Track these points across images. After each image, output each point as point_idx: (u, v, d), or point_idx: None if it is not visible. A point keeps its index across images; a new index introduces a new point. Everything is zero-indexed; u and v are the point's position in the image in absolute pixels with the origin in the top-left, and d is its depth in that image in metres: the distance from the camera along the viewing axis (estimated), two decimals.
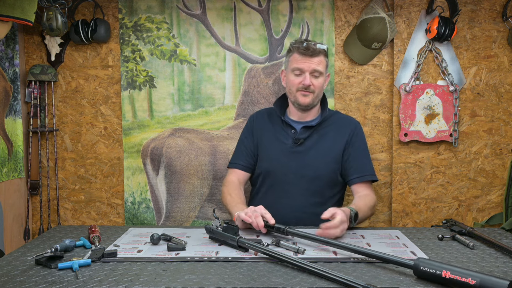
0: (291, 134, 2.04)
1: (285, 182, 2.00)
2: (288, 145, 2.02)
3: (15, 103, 2.40)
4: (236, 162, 2.12)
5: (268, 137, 2.08)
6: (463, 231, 1.68)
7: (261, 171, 2.06)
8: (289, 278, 1.23)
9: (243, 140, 2.15)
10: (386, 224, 2.53)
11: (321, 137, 2.03)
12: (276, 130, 2.08)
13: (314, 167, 1.99)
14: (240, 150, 2.13)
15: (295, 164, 1.99)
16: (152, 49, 2.49)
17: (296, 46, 1.97)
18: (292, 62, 1.98)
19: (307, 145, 2.01)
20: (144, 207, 2.55)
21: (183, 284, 1.19)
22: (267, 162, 2.04)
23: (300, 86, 1.96)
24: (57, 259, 1.35)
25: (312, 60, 1.94)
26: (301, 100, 1.98)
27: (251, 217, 1.65)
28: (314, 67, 1.94)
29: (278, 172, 2.01)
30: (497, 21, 2.40)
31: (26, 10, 2.04)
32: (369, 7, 2.36)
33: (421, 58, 2.41)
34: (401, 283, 1.20)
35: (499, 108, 2.43)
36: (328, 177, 2.00)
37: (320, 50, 1.95)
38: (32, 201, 2.54)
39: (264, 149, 2.07)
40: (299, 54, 1.95)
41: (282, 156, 2.02)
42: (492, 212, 2.46)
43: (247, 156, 2.10)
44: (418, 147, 2.46)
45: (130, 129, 2.52)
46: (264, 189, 2.05)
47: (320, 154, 2.00)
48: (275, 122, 2.10)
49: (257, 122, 2.15)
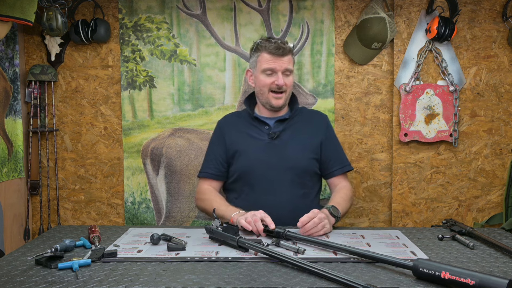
0: (265, 130, 2.00)
1: (268, 178, 1.95)
2: (265, 141, 1.98)
3: (15, 103, 2.40)
4: (206, 171, 2.03)
5: (242, 137, 2.02)
6: (463, 231, 1.68)
7: (239, 172, 1.98)
8: (289, 278, 1.23)
9: (212, 148, 2.08)
10: (386, 224, 2.53)
11: (296, 129, 2.01)
12: (249, 129, 2.02)
13: (295, 159, 1.96)
14: (210, 159, 2.05)
15: (275, 158, 1.95)
16: (152, 49, 2.49)
17: (264, 46, 1.92)
18: (262, 62, 1.93)
19: (284, 139, 1.98)
20: (144, 207, 2.55)
21: (183, 284, 1.19)
22: (245, 161, 1.98)
23: (273, 86, 1.92)
24: (57, 259, 1.35)
25: (283, 59, 1.91)
26: (274, 102, 1.95)
27: (251, 223, 1.65)
28: (285, 66, 1.92)
29: (259, 169, 1.95)
30: (497, 21, 2.40)
31: (26, 10, 2.03)
32: (369, 7, 2.36)
33: (421, 58, 2.41)
34: (401, 283, 1.20)
35: (499, 108, 2.43)
36: (309, 168, 1.98)
37: (289, 48, 1.93)
38: (32, 201, 2.54)
39: (239, 149, 1.99)
40: (269, 54, 1.91)
41: (261, 152, 1.97)
42: (492, 212, 2.46)
43: (218, 164, 2.02)
44: (418, 147, 2.46)
45: (130, 129, 2.52)
46: (246, 190, 1.98)
47: (298, 146, 1.97)
48: (247, 122, 2.05)
49: (227, 126, 2.07)
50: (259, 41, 1.97)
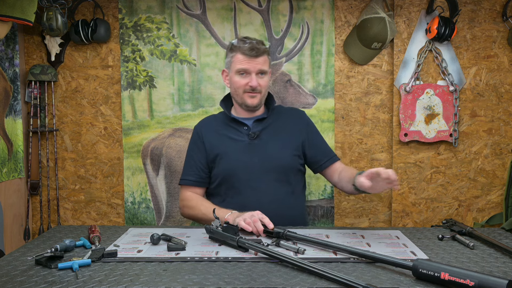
0: (244, 130, 1.96)
1: (252, 179, 1.91)
2: (245, 142, 1.94)
3: (15, 103, 2.40)
4: (187, 179, 2.00)
5: (222, 140, 1.98)
6: (463, 231, 1.68)
7: (223, 175, 1.95)
8: (289, 278, 1.23)
9: (191, 154, 2.03)
10: (386, 224, 2.53)
11: (275, 128, 1.98)
12: (228, 131, 1.99)
13: (277, 157, 1.93)
14: (190, 165, 2.01)
15: (257, 158, 1.92)
16: (152, 49, 2.49)
17: (238, 46, 1.89)
18: (236, 63, 1.90)
19: (264, 138, 1.95)
20: (144, 207, 2.55)
21: (183, 284, 1.19)
22: (227, 164, 1.94)
23: (247, 87, 1.90)
24: (57, 259, 1.35)
25: (257, 60, 1.88)
26: (249, 101, 1.92)
27: (250, 224, 1.65)
28: (259, 68, 1.88)
29: (242, 171, 1.92)
30: (497, 21, 2.40)
31: (26, 10, 2.03)
32: (369, 7, 2.36)
33: (421, 58, 2.41)
34: (401, 283, 1.20)
35: (499, 108, 2.43)
36: (292, 165, 1.96)
37: (264, 49, 1.89)
38: (32, 201, 2.54)
39: (220, 153, 1.96)
40: (242, 55, 1.88)
41: (242, 154, 1.93)
42: (492, 212, 2.46)
43: (198, 170, 1.99)
44: (418, 147, 2.46)
45: (130, 129, 2.52)
46: (231, 193, 1.94)
47: (280, 144, 1.95)
48: (223, 124, 2.01)
49: (205, 130, 2.03)
50: (234, 41, 1.93)
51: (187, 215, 1.98)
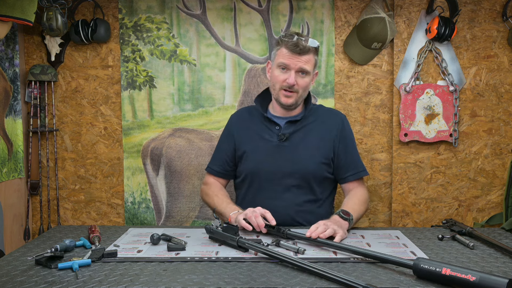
0: (276, 130, 1.93)
1: (275, 182, 1.90)
2: (274, 143, 1.91)
3: (15, 103, 2.40)
4: (212, 168, 2.04)
5: (251, 136, 1.96)
6: (463, 231, 1.68)
7: (247, 173, 1.95)
8: (289, 278, 1.23)
9: (221, 144, 2.05)
10: (386, 224, 2.53)
11: (307, 132, 1.93)
12: (259, 128, 1.96)
13: (303, 163, 1.89)
14: (218, 156, 2.04)
15: (282, 161, 1.90)
16: (152, 49, 2.49)
17: (285, 40, 1.83)
18: (279, 56, 1.85)
19: (294, 141, 1.91)
20: (144, 207, 2.55)
21: (183, 284, 1.19)
22: (253, 163, 1.93)
23: (284, 84, 1.84)
24: (57, 259, 1.35)
25: (300, 58, 1.81)
26: (283, 100, 1.87)
27: (251, 218, 1.65)
28: (301, 66, 1.82)
29: (266, 171, 1.91)
30: (497, 21, 2.40)
31: (26, 10, 2.03)
32: (369, 7, 2.36)
33: (421, 58, 2.41)
34: (401, 283, 1.20)
35: (499, 108, 2.43)
36: (317, 173, 1.91)
37: (310, 48, 1.82)
38: (32, 201, 2.54)
39: (248, 150, 1.95)
40: (287, 49, 1.82)
41: (269, 154, 1.91)
42: (492, 212, 2.46)
43: (224, 163, 2.01)
44: (418, 147, 2.46)
45: (130, 129, 2.52)
46: (253, 191, 1.95)
47: (308, 149, 1.90)
48: (257, 120, 1.98)
49: (236, 123, 2.04)
50: (283, 34, 1.88)
51: (203, 200, 2.06)
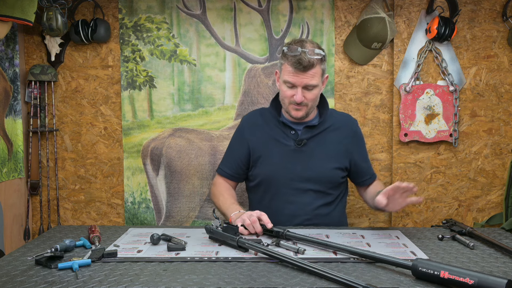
0: (291, 135, 1.92)
1: (291, 186, 1.90)
2: (291, 147, 1.90)
3: (15, 103, 2.40)
4: (224, 170, 2.02)
5: (265, 140, 1.95)
6: (463, 231, 1.68)
7: (263, 177, 1.94)
8: (289, 278, 1.23)
9: (233, 146, 2.04)
10: (386, 224, 2.53)
11: (323, 137, 1.93)
12: (274, 131, 1.95)
13: (320, 169, 1.90)
14: (230, 157, 2.03)
15: (300, 166, 1.89)
16: (152, 49, 2.49)
17: (289, 56, 1.77)
18: (284, 73, 1.81)
19: (310, 146, 1.91)
20: (144, 207, 2.55)
21: (183, 284, 1.19)
22: (270, 167, 1.92)
23: (292, 99, 1.82)
24: (57, 259, 1.35)
25: (306, 74, 1.77)
26: (294, 114, 1.86)
27: (249, 226, 1.65)
28: (306, 82, 1.78)
29: (283, 176, 1.90)
30: (497, 21, 2.40)
31: (26, 10, 2.04)
32: (369, 7, 2.36)
33: (421, 58, 2.41)
34: (401, 283, 1.20)
35: (499, 108, 2.43)
36: (333, 179, 1.93)
37: (314, 61, 1.76)
38: (32, 201, 2.54)
39: (262, 154, 1.94)
40: (291, 67, 1.77)
41: (285, 159, 1.90)
42: (492, 212, 2.46)
43: (236, 166, 2.00)
44: (418, 147, 2.46)
45: (130, 129, 2.52)
46: (269, 195, 1.93)
47: (324, 155, 1.91)
48: (271, 123, 1.97)
49: (251, 127, 2.01)
50: (285, 48, 1.81)
51: (211, 200, 2.08)
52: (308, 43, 1.80)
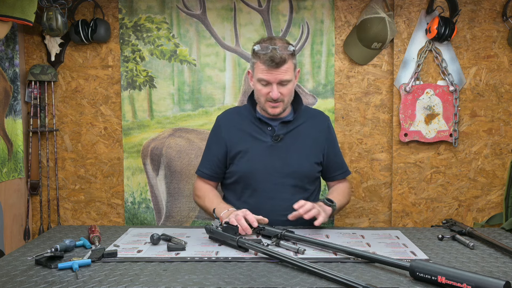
0: (268, 131, 1.92)
1: (270, 182, 1.91)
2: (268, 143, 1.91)
3: (15, 103, 2.40)
4: (204, 172, 2.01)
5: (243, 137, 1.95)
6: (463, 231, 1.68)
7: (241, 174, 1.93)
8: (289, 278, 1.23)
9: (210, 146, 2.03)
10: (386, 224, 2.53)
11: (299, 132, 1.95)
12: (251, 128, 1.95)
13: (298, 164, 1.92)
14: (207, 158, 2.02)
15: (278, 162, 1.91)
16: (152, 49, 2.49)
17: (261, 54, 1.79)
18: (258, 71, 1.83)
19: (287, 142, 1.92)
20: (144, 207, 2.55)
21: (183, 284, 1.19)
22: (248, 164, 1.92)
23: (268, 97, 1.84)
24: (57, 259, 1.35)
25: (279, 70, 1.79)
26: (271, 111, 1.88)
27: (234, 223, 1.65)
28: (280, 78, 1.80)
29: (261, 172, 1.91)
30: (497, 21, 2.40)
31: (26, 10, 2.04)
32: (369, 7, 2.36)
33: (421, 58, 2.41)
34: (400, 283, 1.20)
35: (499, 108, 2.43)
36: (310, 173, 1.95)
37: (286, 57, 1.79)
38: (32, 201, 2.54)
39: (242, 151, 1.93)
40: (263, 65, 1.79)
41: (264, 155, 1.91)
42: (492, 212, 2.46)
43: (215, 166, 1.98)
44: (418, 147, 2.46)
45: (130, 129, 2.52)
46: (247, 192, 1.94)
47: (301, 150, 1.93)
48: (247, 121, 1.97)
49: (226, 125, 2.00)
50: (256, 47, 1.84)
51: (197, 203, 2.07)
52: (277, 40, 1.85)
